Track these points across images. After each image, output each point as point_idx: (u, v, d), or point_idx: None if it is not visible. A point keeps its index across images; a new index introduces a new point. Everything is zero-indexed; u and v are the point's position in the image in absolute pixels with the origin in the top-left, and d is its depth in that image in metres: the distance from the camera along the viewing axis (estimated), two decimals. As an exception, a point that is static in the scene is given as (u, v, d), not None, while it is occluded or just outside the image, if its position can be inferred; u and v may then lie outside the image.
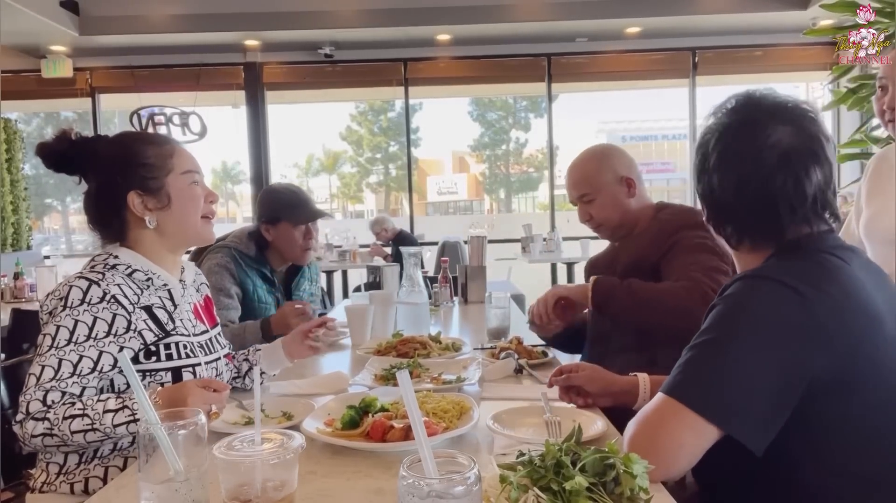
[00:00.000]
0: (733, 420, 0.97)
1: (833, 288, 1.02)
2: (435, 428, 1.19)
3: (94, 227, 1.49)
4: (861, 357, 1.01)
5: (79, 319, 1.33)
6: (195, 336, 1.50)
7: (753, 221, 1.12)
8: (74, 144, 1.45)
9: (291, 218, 2.39)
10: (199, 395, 1.27)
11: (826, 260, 1.06)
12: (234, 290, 2.31)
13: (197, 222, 1.51)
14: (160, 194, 1.45)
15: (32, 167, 7.96)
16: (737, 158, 1.11)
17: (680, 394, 1.00)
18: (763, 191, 1.09)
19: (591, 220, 2.01)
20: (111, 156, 1.46)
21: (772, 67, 8.17)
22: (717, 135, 1.14)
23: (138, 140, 1.51)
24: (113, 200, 1.44)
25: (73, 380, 1.29)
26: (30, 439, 1.26)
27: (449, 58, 8.14)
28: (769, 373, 0.98)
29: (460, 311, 2.99)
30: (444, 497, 0.69)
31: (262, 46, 7.90)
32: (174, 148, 1.51)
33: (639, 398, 1.38)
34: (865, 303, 1.04)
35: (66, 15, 6.74)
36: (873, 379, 1.02)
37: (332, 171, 15.61)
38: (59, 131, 1.45)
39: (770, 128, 1.09)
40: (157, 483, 0.83)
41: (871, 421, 1.02)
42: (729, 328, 1.03)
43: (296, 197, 2.47)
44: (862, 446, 1.02)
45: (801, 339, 0.99)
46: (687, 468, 1.04)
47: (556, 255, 6.89)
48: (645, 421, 1.04)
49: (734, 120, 1.14)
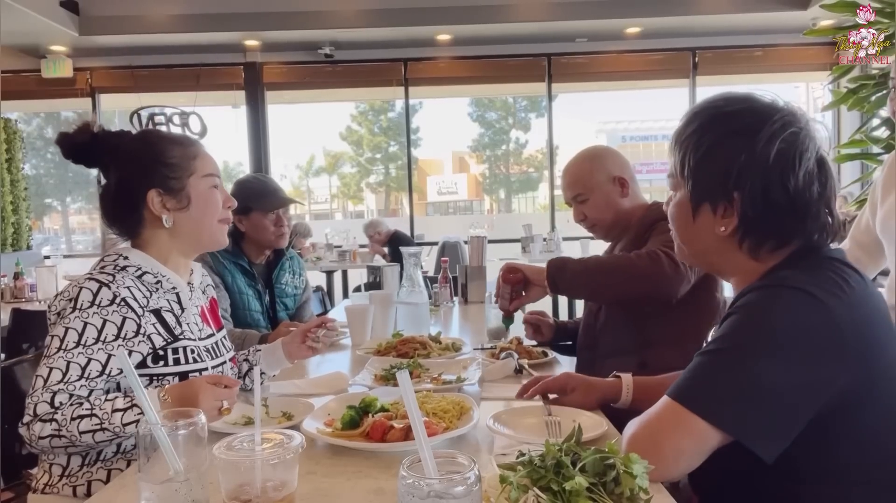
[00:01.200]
0: (745, 429, 0.96)
1: (854, 297, 1.01)
2: (435, 428, 1.19)
3: (107, 221, 1.49)
4: (879, 368, 1.00)
5: (88, 322, 1.32)
6: (202, 340, 1.50)
7: (775, 226, 1.07)
8: (96, 137, 1.45)
9: (261, 206, 2.44)
10: (211, 392, 1.27)
11: (837, 268, 1.04)
12: (218, 280, 2.34)
13: (213, 226, 1.51)
14: (181, 195, 1.45)
15: (32, 167, 7.97)
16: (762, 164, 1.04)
17: (687, 400, 0.99)
18: (795, 198, 1.04)
19: (585, 219, 2.06)
20: (134, 152, 1.45)
21: (772, 67, 8.18)
22: (737, 137, 1.07)
23: (164, 139, 1.51)
24: (131, 196, 1.44)
25: (81, 382, 1.29)
26: (37, 441, 1.25)
27: (449, 58, 8.14)
28: (791, 387, 0.96)
29: (460, 311, 2.99)
30: (444, 497, 0.69)
31: (262, 46, 7.90)
32: (198, 150, 1.51)
33: (621, 397, 1.39)
34: (884, 312, 1.04)
35: (66, 15, 6.75)
36: (887, 390, 1.01)
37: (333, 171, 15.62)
38: (83, 123, 1.44)
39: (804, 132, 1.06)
40: (157, 483, 0.83)
41: (881, 431, 1.01)
42: (748, 338, 1.00)
43: (264, 186, 2.53)
44: (871, 456, 1.01)
45: (827, 356, 0.97)
46: (685, 472, 1.04)
47: (556, 255, 6.88)
48: (648, 423, 1.03)
49: (750, 121, 1.07)
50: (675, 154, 1.15)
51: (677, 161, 1.14)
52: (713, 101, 1.14)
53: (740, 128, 1.07)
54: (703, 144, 1.09)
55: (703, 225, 1.12)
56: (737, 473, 1.05)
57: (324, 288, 4.48)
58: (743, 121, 1.08)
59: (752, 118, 1.07)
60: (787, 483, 1.02)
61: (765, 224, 1.07)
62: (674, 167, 1.16)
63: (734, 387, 0.98)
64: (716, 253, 1.14)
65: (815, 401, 0.96)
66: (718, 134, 1.09)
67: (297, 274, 2.69)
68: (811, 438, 0.98)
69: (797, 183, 1.04)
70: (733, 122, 1.08)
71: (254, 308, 2.44)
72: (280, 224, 2.47)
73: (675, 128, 1.18)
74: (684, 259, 1.26)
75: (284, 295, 2.59)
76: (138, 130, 1.54)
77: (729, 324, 1.04)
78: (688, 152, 1.11)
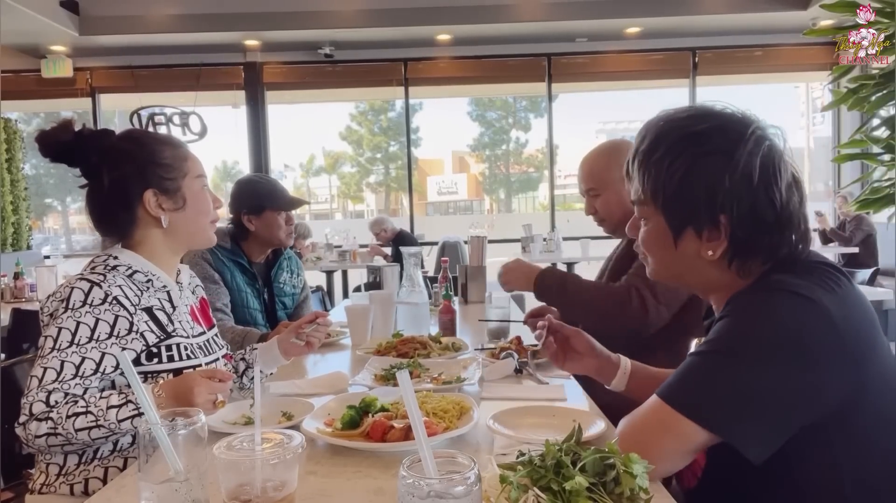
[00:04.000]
0: (732, 429, 0.95)
1: (845, 297, 1.00)
2: (435, 428, 1.19)
3: (98, 222, 1.47)
4: (872, 369, 1.00)
5: (81, 321, 1.32)
6: (194, 337, 1.50)
7: (765, 243, 1.05)
8: (81, 136, 1.43)
9: (275, 205, 2.46)
10: (205, 386, 1.27)
11: (827, 271, 1.04)
12: (217, 277, 2.36)
13: (206, 225, 1.52)
14: (176, 196, 1.46)
15: (32, 167, 7.97)
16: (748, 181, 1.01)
17: (674, 400, 0.98)
18: (782, 212, 1.03)
19: (595, 213, 2.07)
20: (128, 152, 1.44)
21: (772, 67, 8.19)
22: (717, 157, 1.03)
23: (155, 139, 1.50)
24: (126, 197, 1.43)
25: (76, 381, 1.29)
26: (33, 440, 1.26)
27: (449, 58, 8.15)
28: (786, 390, 0.95)
29: (460, 311, 2.98)
30: (444, 497, 0.69)
31: (262, 46, 7.91)
32: (188, 151, 1.52)
33: (615, 378, 1.37)
34: (872, 313, 1.04)
35: (66, 15, 6.75)
36: (880, 391, 1.01)
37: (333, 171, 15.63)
38: (63, 121, 1.41)
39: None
40: (157, 483, 0.83)
41: (876, 433, 1.01)
42: (743, 341, 0.98)
43: (273, 187, 2.57)
44: (867, 458, 1.01)
45: (825, 358, 0.96)
46: (670, 471, 1.04)
47: (557, 255, 6.89)
48: (635, 421, 1.03)
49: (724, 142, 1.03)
50: (643, 179, 1.09)
51: (647, 188, 1.08)
52: (676, 121, 1.08)
53: (714, 148, 1.02)
54: (678, 169, 1.04)
55: (686, 250, 1.08)
56: (731, 478, 1.05)
57: (324, 288, 4.48)
58: (715, 141, 1.03)
59: (723, 137, 1.03)
60: (782, 489, 1.01)
61: (755, 243, 1.04)
62: (643, 193, 1.10)
63: (724, 388, 0.97)
64: (700, 275, 1.10)
65: (810, 405, 0.96)
66: (692, 156, 1.03)
67: (294, 273, 2.70)
68: (806, 442, 0.98)
69: (782, 196, 1.02)
70: (705, 142, 1.03)
71: (252, 306, 2.44)
72: (290, 223, 2.51)
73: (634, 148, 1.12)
74: (661, 279, 1.19)
75: (283, 294, 2.59)
76: (122, 130, 1.51)
77: (722, 325, 1.02)
78: (661, 178, 1.06)
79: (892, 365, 1.04)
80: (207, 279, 2.28)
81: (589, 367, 1.41)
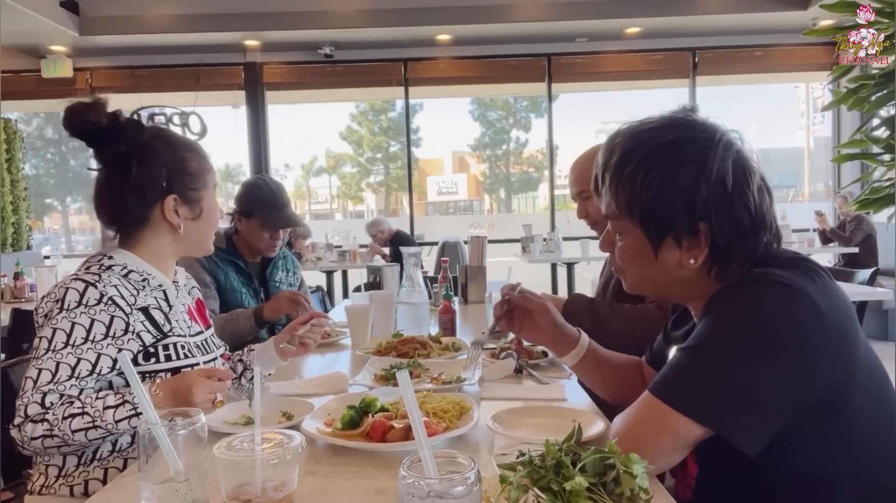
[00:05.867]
0: (724, 422, 0.95)
1: (828, 289, 1.01)
2: (435, 428, 1.19)
3: (104, 211, 1.45)
4: (856, 359, 1.00)
5: (76, 322, 1.31)
6: (191, 336, 1.50)
7: (743, 246, 1.06)
8: (117, 123, 1.39)
9: (264, 219, 2.45)
10: (205, 385, 1.26)
11: (805, 265, 1.05)
12: (209, 280, 2.35)
13: (211, 235, 1.54)
14: (195, 206, 1.46)
15: (32, 167, 7.97)
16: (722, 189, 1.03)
17: (665, 394, 0.99)
18: (756, 215, 1.05)
19: (587, 216, 2.06)
20: (159, 153, 1.42)
21: (772, 67, 8.19)
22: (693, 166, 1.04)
23: (186, 146, 1.49)
24: (146, 196, 1.42)
25: (72, 382, 1.28)
26: (29, 442, 1.24)
27: (449, 58, 8.14)
28: (776, 382, 0.95)
29: (460, 311, 2.98)
30: (444, 497, 0.69)
31: (262, 46, 7.91)
32: (210, 163, 1.52)
33: (568, 355, 1.40)
34: (851, 305, 1.04)
35: (66, 15, 6.75)
36: (864, 382, 1.01)
37: (333, 171, 15.63)
38: (95, 99, 1.38)
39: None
40: (157, 483, 0.83)
41: (866, 423, 1.01)
42: (732, 333, 0.98)
43: (273, 199, 2.50)
44: (859, 448, 1.01)
45: (814, 348, 0.96)
46: (665, 467, 1.04)
47: (557, 255, 6.89)
48: (628, 417, 1.03)
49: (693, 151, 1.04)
50: (615, 193, 1.10)
51: (622, 201, 1.09)
52: (643, 133, 1.09)
53: (687, 157, 1.04)
54: (653, 181, 1.04)
55: (666, 261, 1.09)
56: (724, 486, 1.05)
57: (324, 288, 4.48)
58: (686, 150, 1.04)
59: (693, 146, 1.04)
60: (778, 483, 1.02)
61: (734, 247, 1.05)
62: (616, 208, 1.10)
63: (716, 381, 0.97)
64: (680, 283, 1.11)
65: (802, 394, 0.96)
66: (665, 167, 1.04)
67: (290, 271, 2.70)
68: (799, 434, 0.98)
69: (755, 199, 1.04)
70: (677, 152, 1.04)
71: (248, 306, 2.44)
72: (275, 238, 2.50)
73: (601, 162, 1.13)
74: (639, 292, 1.20)
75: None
76: (154, 127, 1.48)
77: (709, 319, 1.02)
78: (635, 191, 1.06)
79: (873, 354, 1.06)
80: (199, 282, 2.28)
81: (545, 339, 1.44)
